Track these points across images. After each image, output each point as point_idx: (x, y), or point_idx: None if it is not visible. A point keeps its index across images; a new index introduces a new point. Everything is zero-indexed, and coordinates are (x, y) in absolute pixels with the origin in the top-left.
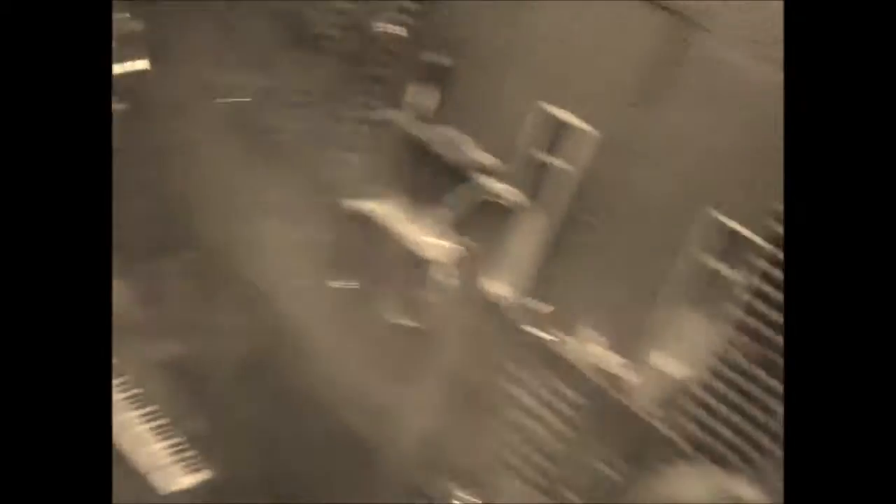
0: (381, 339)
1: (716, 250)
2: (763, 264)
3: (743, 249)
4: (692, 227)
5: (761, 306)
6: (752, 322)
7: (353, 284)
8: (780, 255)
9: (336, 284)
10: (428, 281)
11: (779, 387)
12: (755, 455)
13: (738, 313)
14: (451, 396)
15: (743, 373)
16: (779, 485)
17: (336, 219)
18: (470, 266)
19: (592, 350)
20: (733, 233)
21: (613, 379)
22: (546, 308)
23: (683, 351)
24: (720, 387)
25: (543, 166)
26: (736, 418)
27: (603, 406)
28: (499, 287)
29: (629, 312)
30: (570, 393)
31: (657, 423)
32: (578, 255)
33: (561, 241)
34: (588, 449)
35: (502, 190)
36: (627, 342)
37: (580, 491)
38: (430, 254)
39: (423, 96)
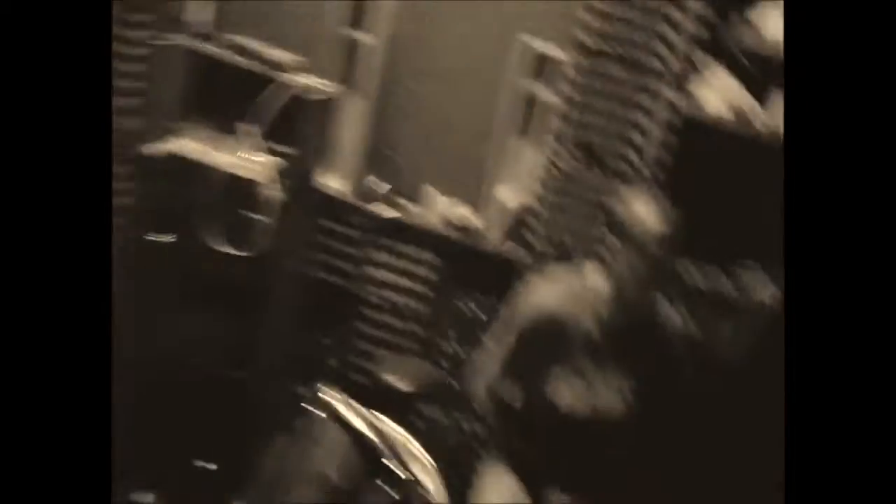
0: (216, 278)
1: (531, 74)
2: (573, 75)
3: (554, 66)
4: (505, 58)
5: (576, 115)
6: (570, 132)
7: (169, 238)
8: (588, 64)
9: (152, 237)
10: (255, 202)
11: (608, 185)
12: (598, 248)
13: (559, 127)
14: (308, 304)
15: (571, 181)
16: (621, 269)
17: (141, 168)
18: (296, 171)
19: (437, 209)
20: (543, 54)
21: (462, 228)
22: (384, 186)
23: (519, 178)
24: (556, 199)
25: (351, 46)
26: (575, 222)
27: (457, 256)
28: (333, 181)
29: (464, 160)
30: (425, 255)
31: (508, 252)
32: (405, 122)
33: (384, 115)
34: (452, 300)
35: (310, 83)
36: (469, 188)
37: (453, 341)
38: (250, 174)
39: (200, 10)
